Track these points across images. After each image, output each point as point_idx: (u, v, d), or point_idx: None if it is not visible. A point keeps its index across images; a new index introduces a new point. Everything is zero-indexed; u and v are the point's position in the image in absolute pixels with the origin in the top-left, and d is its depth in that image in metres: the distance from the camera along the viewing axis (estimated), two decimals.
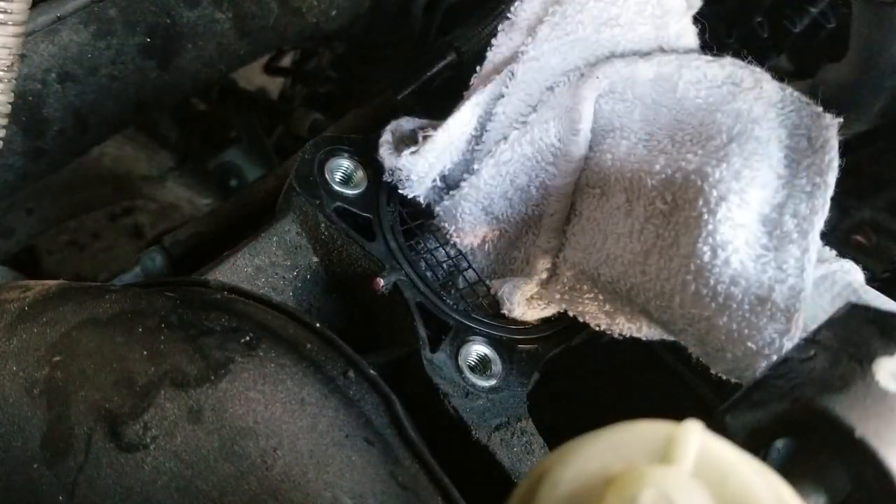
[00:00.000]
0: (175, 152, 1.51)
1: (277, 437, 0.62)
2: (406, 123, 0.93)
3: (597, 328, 0.84)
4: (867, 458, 0.61)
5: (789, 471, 0.63)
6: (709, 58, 0.86)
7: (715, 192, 0.73)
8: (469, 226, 0.88)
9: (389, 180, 0.87)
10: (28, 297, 0.72)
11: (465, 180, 0.86)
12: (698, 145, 0.80)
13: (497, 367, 0.81)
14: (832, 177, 0.76)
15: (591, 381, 1.02)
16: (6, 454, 0.65)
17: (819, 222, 0.75)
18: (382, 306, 0.83)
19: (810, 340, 0.72)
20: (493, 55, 0.90)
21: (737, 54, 0.88)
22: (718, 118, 0.80)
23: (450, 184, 0.89)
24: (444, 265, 0.88)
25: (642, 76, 0.85)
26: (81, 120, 0.91)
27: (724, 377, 0.75)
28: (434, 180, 0.88)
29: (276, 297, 0.80)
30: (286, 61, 1.60)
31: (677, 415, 0.48)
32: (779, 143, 0.78)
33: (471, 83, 0.91)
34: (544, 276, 0.85)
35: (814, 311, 0.73)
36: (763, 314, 0.71)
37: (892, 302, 0.78)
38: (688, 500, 0.42)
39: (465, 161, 0.89)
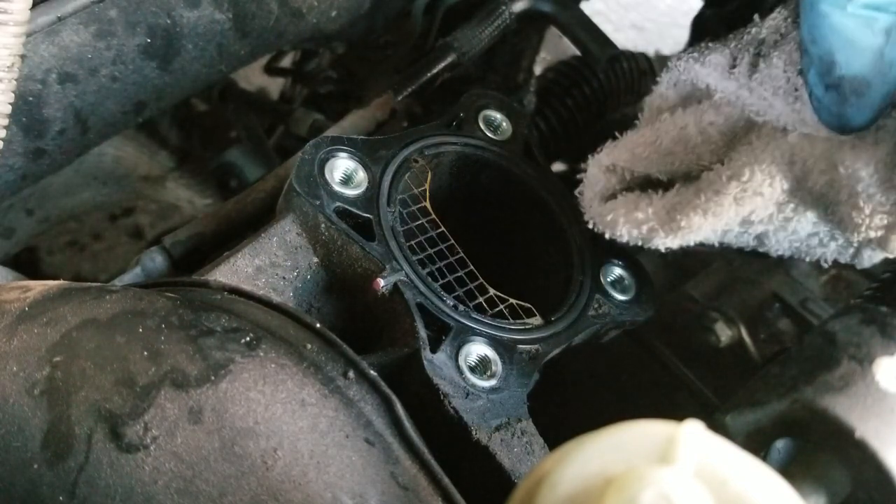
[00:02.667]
0: (175, 153, 1.51)
1: (278, 438, 0.62)
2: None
3: None
4: (867, 458, 0.61)
5: (789, 471, 0.64)
6: None
7: None
8: None
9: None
10: (28, 297, 0.72)
11: None
12: None
13: (497, 367, 0.81)
14: None
15: (591, 381, 1.02)
16: (7, 455, 0.65)
17: None
18: (383, 307, 0.83)
19: (811, 341, 0.72)
20: None
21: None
22: None
23: None
24: (445, 266, 0.88)
25: None
26: (82, 120, 0.91)
27: None
28: None
29: (277, 297, 0.80)
30: (286, 62, 1.60)
31: (677, 415, 0.48)
32: None
33: None
34: None
35: None
36: None
37: None
38: (688, 500, 0.42)
39: None
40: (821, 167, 0.80)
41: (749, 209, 0.80)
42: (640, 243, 0.86)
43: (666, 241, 0.83)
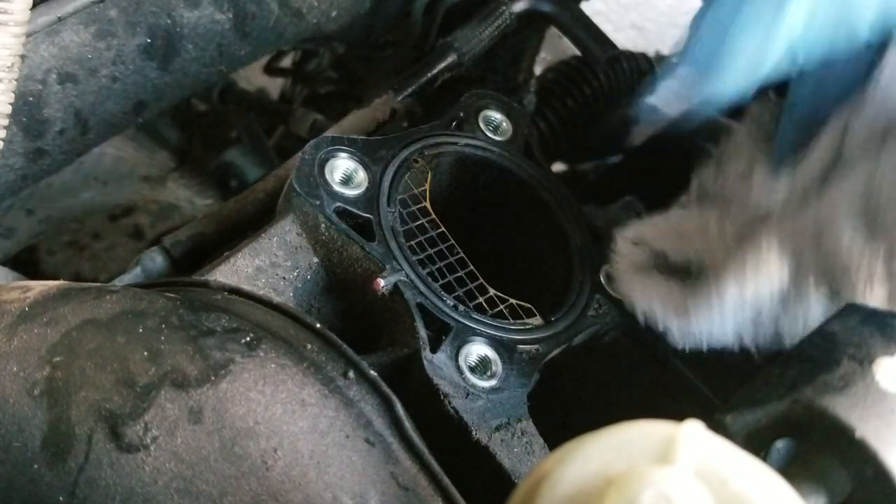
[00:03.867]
0: (175, 153, 1.51)
1: (278, 438, 0.62)
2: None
3: None
4: (867, 459, 0.61)
5: (789, 471, 0.64)
6: None
7: None
8: None
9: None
10: (29, 297, 0.72)
11: None
12: None
13: (497, 367, 0.81)
14: None
15: (591, 381, 1.02)
16: (6, 455, 0.65)
17: None
18: (383, 307, 0.83)
19: (811, 341, 0.72)
20: None
21: None
22: None
23: None
24: (445, 266, 0.88)
25: None
26: (82, 120, 0.91)
27: None
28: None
29: (277, 297, 0.80)
30: (286, 62, 1.60)
31: (677, 415, 0.48)
32: None
33: None
34: None
35: None
36: None
37: None
38: (688, 500, 0.42)
39: None
40: (810, 237, 0.81)
41: (751, 291, 0.81)
42: (656, 326, 0.88)
43: (678, 331, 0.86)
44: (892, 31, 0.78)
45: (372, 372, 0.69)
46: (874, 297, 0.77)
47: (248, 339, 0.67)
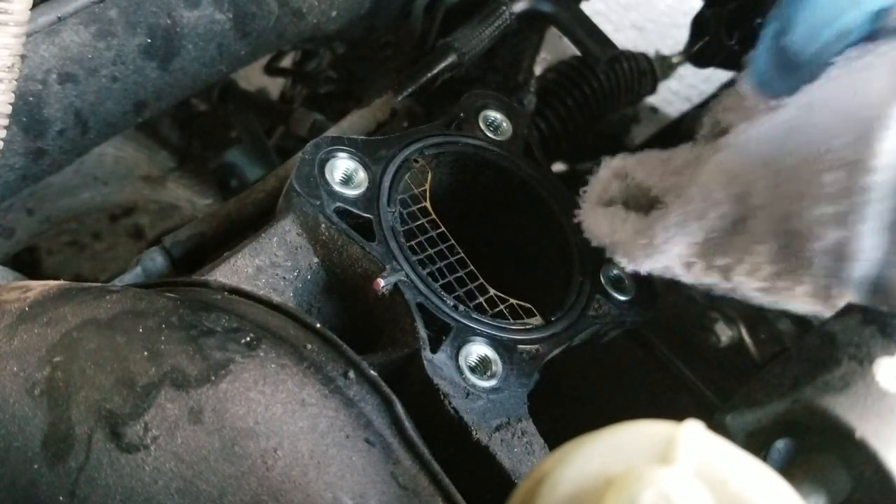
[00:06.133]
0: (175, 153, 1.51)
1: (278, 438, 0.62)
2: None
3: None
4: (867, 458, 0.61)
5: (789, 471, 0.64)
6: None
7: None
8: None
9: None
10: (29, 297, 0.72)
11: None
12: None
13: (497, 367, 0.81)
14: None
15: (591, 381, 1.02)
16: (7, 455, 0.65)
17: None
18: (383, 307, 0.83)
19: (811, 341, 0.72)
20: None
21: (738, 55, 0.87)
22: None
23: None
24: (445, 266, 0.88)
25: None
26: (82, 120, 0.91)
27: None
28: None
29: (277, 297, 0.80)
30: (286, 62, 1.60)
31: (677, 415, 0.49)
32: None
33: None
34: None
35: None
36: None
37: None
38: (688, 500, 0.42)
39: None
40: (761, 175, 0.76)
41: (697, 233, 0.78)
42: (609, 255, 0.87)
43: (625, 261, 0.84)
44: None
45: (372, 372, 0.69)
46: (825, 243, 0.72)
47: (248, 339, 0.67)
